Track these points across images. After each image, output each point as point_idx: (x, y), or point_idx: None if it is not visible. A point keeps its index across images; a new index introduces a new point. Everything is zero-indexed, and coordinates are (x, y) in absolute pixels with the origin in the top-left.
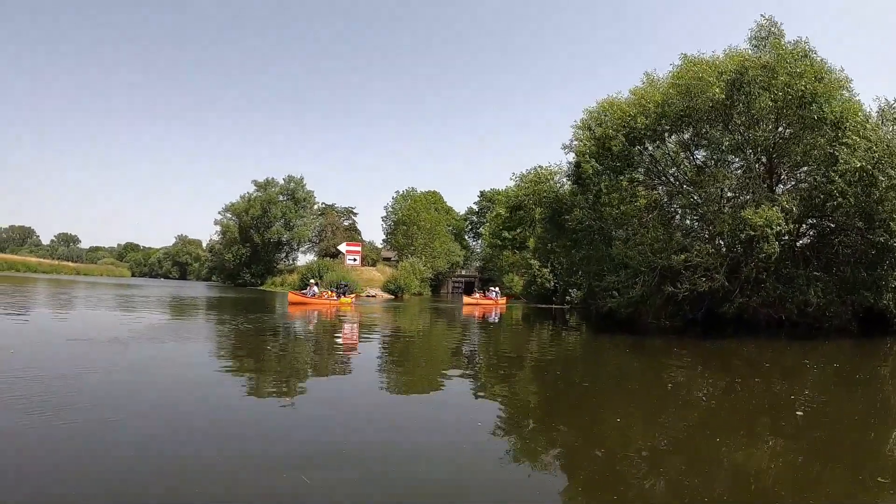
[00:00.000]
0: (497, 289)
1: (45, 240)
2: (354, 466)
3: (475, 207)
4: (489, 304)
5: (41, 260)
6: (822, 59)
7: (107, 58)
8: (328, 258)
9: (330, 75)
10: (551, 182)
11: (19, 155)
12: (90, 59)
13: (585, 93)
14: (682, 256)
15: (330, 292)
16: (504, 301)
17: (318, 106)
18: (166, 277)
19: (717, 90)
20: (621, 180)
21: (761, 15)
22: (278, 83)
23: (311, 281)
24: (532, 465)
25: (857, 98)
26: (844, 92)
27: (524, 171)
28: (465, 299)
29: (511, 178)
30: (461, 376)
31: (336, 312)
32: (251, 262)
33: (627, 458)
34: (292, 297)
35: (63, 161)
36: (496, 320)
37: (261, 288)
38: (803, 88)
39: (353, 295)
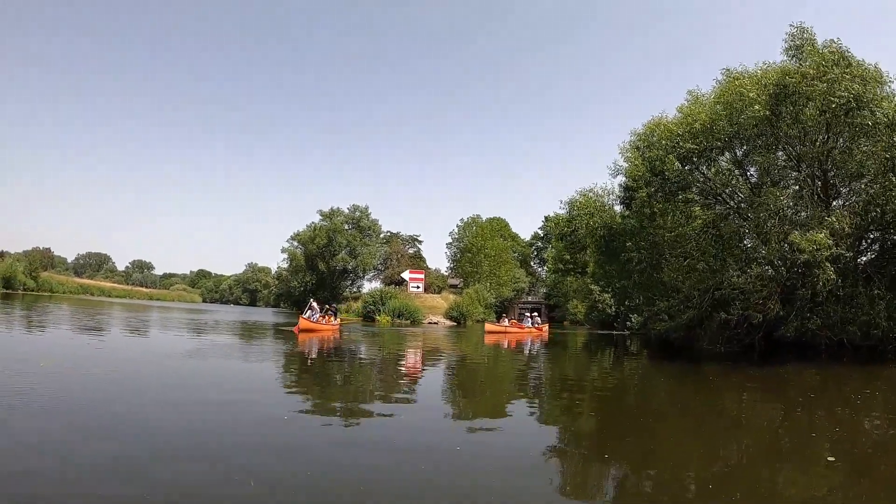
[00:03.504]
0: (536, 315)
1: (121, 266)
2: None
3: (540, 233)
4: (522, 332)
5: (115, 285)
6: (859, 60)
7: (181, 89)
8: (393, 286)
9: (395, 105)
10: (600, 205)
11: (97, 186)
12: (166, 90)
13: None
14: (736, 279)
15: (327, 316)
16: (545, 329)
17: (386, 135)
18: (236, 304)
19: (757, 107)
20: (676, 203)
21: (790, 25)
22: (346, 114)
23: (312, 301)
24: (585, 493)
25: None
26: (885, 88)
27: (573, 195)
28: (488, 326)
29: (560, 204)
30: (511, 401)
31: (335, 337)
32: (317, 289)
33: (683, 488)
34: (304, 323)
35: (138, 191)
36: (533, 350)
37: None
38: (844, 94)
39: (338, 320)
